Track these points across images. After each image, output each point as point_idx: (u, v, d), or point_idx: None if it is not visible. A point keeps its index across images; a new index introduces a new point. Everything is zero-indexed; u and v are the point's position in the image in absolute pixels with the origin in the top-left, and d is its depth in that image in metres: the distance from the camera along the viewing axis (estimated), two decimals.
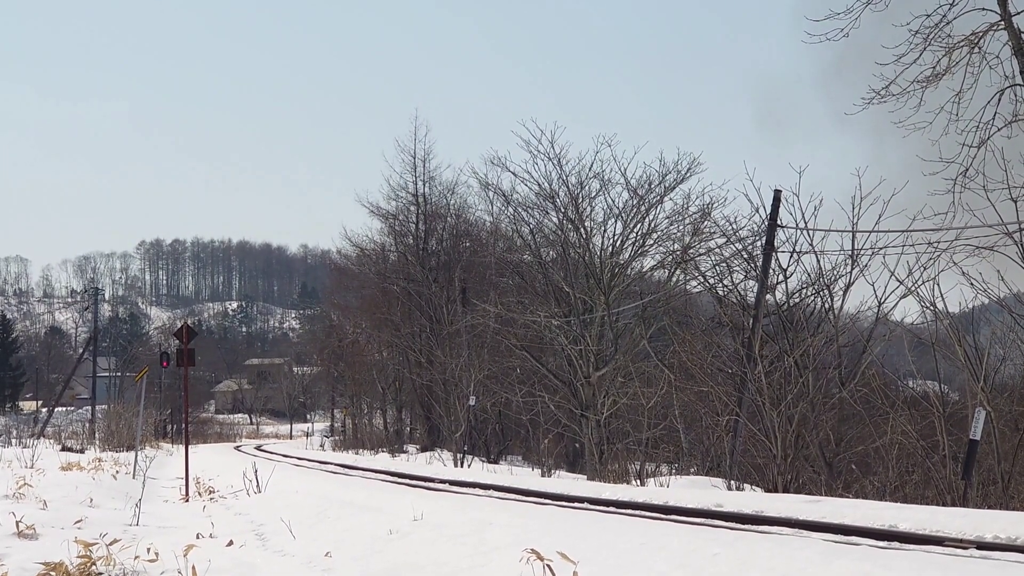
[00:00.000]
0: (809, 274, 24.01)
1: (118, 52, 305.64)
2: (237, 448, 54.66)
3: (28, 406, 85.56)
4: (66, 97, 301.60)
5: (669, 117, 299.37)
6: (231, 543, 10.41)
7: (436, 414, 45.27)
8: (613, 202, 33.99)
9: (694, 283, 32.37)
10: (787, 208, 22.45)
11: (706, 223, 31.60)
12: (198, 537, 10.75)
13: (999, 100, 17.23)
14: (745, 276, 26.12)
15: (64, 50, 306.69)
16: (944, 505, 14.37)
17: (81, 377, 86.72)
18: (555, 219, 35.67)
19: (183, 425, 32.20)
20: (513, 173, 35.54)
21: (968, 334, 16.95)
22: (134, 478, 20.68)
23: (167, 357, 26.17)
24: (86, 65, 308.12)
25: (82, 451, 33.97)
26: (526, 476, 26.30)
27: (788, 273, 23.60)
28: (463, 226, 52.05)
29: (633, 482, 22.11)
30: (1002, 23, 17.13)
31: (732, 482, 19.85)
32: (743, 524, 10.56)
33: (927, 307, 18.49)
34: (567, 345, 32.29)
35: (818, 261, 23.11)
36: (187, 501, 17.40)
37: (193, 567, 7.86)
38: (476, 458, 35.97)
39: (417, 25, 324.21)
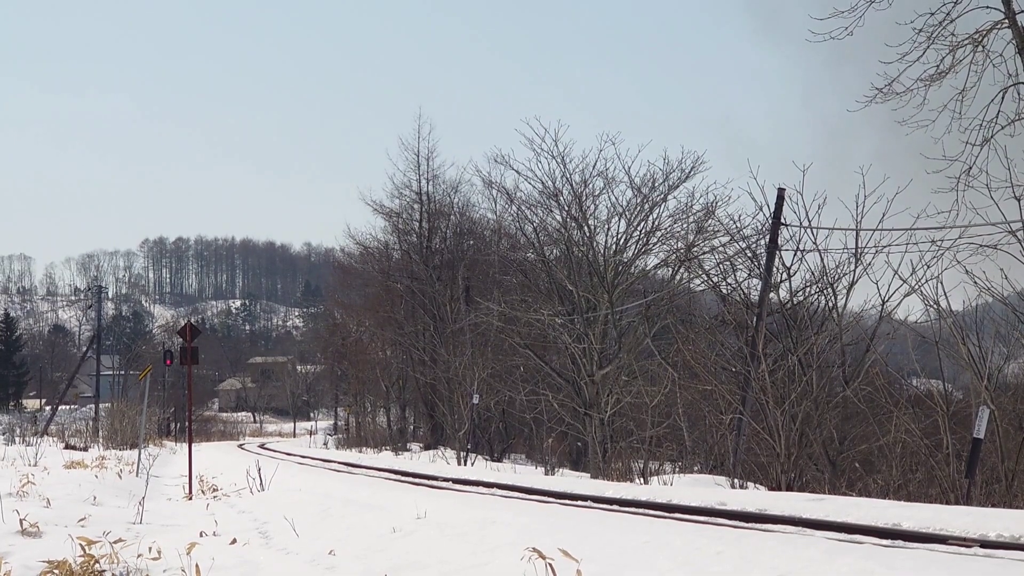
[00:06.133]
0: (813, 272, 24.05)
1: (122, 50, 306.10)
2: (240, 446, 54.72)
3: (32, 404, 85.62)
4: (69, 94, 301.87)
5: (673, 115, 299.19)
6: (234, 541, 10.42)
7: (439, 412, 45.31)
8: (617, 200, 33.98)
9: (698, 281, 32.37)
10: (791, 206, 22.46)
11: (710, 221, 31.61)
12: (201, 535, 10.75)
13: (1002, 98, 17.24)
14: (749, 274, 26.15)
15: (67, 47, 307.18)
16: (948, 503, 14.35)
17: (84, 375, 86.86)
18: (559, 217, 35.68)
19: (186, 423, 32.25)
20: (516, 171, 35.56)
21: (972, 332, 16.92)
22: (137, 476, 20.70)
23: (171, 355, 26.20)
24: (90, 62, 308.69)
25: (85, 449, 34.01)
26: (529, 474, 26.31)
27: (792, 271, 23.63)
28: (467, 224, 52.10)
29: (637, 480, 22.12)
30: (1006, 21, 17.12)
31: (736, 480, 19.85)
32: (747, 522, 10.55)
33: (931, 305, 18.53)
34: (571, 343, 32.28)
35: (822, 259, 23.15)
36: (190, 499, 17.42)
37: (196, 565, 7.86)
38: (479, 456, 35.98)
39: (421, 23, 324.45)
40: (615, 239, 34.05)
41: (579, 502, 13.84)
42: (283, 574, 8.42)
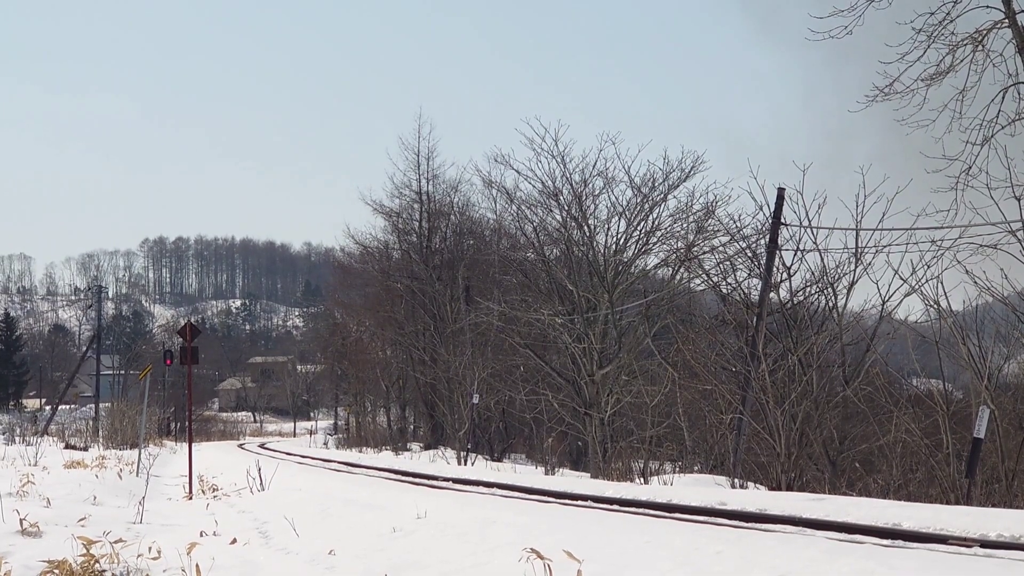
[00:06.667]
0: (813, 272, 24.05)
1: (122, 50, 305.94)
2: (241, 446, 54.71)
3: (32, 404, 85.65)
4: (70, 94, 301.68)
5: (673, 116, 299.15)
6: (234, 541, 10.42)
7: (440, 412, 45.33)
8: (617, 200, 33.97)
9: (698, 281, 32.37)
10: (791, 206, 22.45)
11: (710, 221, 31.61)
12: (201, 535, 10.75)
13: (1003, 98, 17.23)
14: (749, 274, 26.13)
15: (68, 46, 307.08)
16: (948, 503, 14.35)
17: (85, 375, 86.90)
18: (559, 217, 35.67)
19: (187, 423, 32.26)
20: (516, 171, 35.53)
21: (972, 332, 16.92)
22: (137, 476, 20.70)
23: (171, 355, 26.19)
24: (90, 62, 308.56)
25: (86, 449, 34.00)
26: (530, 474, 26.31)
27: (792, 271, 23.62)
28: (467, 224, 52.11)
29: (637, 480, 22.12)
30: (1006, 21, 17.11)
31: (736, 480, 19.85)
32: (747, 522, 10.55)
33: (931, 305, 18.53)
34: (571, 343, 32.28)
35: (822, 259, 23.15)
36: (191, 499, 17.42)
37: (197, 565, 7.86)
38: (479, 456, 35.98)
39: (421, 23, 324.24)
40: (615, 239, 34.09)
41: (579, 502, 13.83)
42: (283, 574, 8.42)
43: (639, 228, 33.93)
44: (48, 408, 70.70)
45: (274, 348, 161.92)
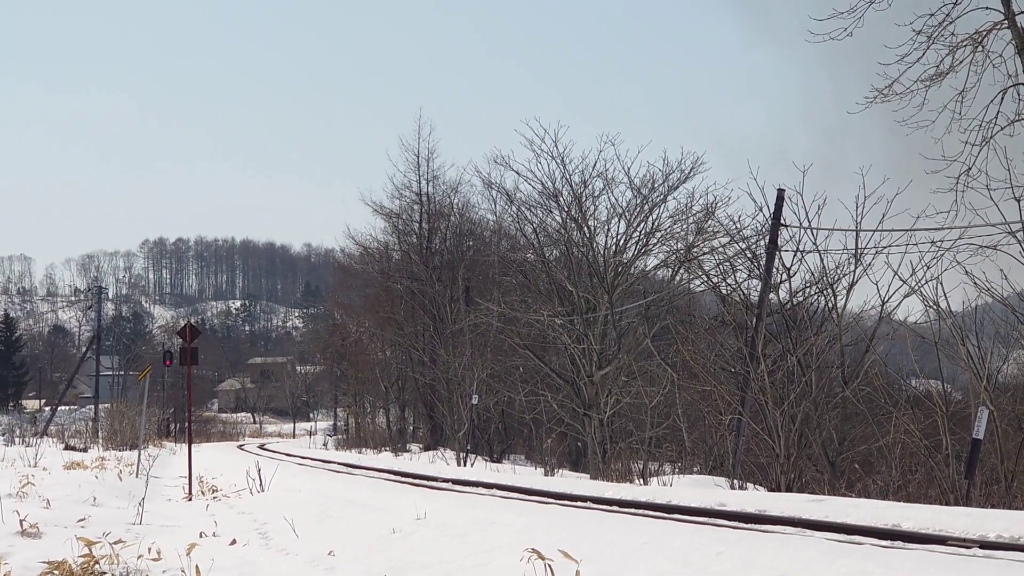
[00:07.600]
0: (812, 273, 24.00)
1: (122, 50, 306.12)
2: (240, 447, 54.67)
3: (31, 405, 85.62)
4: (70, 95, 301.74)
5: (672, 117, 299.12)
6: (234, 542, 10.43)
7: (439, 413, 45.33)
8: (616, 201, 33.96)
9: (697, 282, 32.34)
10: (791, 207, 22.40)
11: (709, 222, 31.58)
12: (201, 536, 10.76)
13: (1002, 99, 17.21)
14: (748, 275, 26.09)
15: (69, 48, 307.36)
16: (947, 504, 14.36)
17: (84, 376, 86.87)
18: (558, 218, 35.65)
19: (186, 424, 32.25)
20: (516, 172, 35.48)
21: (971, 333, 16.93)
22: (137, 477, 20.71)
23: (170, 356, 26.23)
24: (90, 63, 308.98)
25: (85, 450, 34.01)
26: (529, 475, 26.31)
27: (791, 272, 23.56)
28: (467, 225, 52.10)
29: (636, 481, 22.12)
30: (1005, 22, 17.11)
31: (735, 481, 19.85)
32: (746, 523, 10.55)
33: (930, 306, 18.50)
34: (570, 344, 32.28)
35: (821, 260, 23.10)
36: (190, 500, 17.42)
37: (196, 566, 7.87)
38: (479, 457, 36.00)
39: (421, 24, 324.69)
40: (615, 240, 34.08)
41: (579, 503, 13.83)
42: (283, 574, 8.43)
43: (639, 229, 33.95)
44: (48, 409, 70.70)
45: (274, 349, 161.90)
